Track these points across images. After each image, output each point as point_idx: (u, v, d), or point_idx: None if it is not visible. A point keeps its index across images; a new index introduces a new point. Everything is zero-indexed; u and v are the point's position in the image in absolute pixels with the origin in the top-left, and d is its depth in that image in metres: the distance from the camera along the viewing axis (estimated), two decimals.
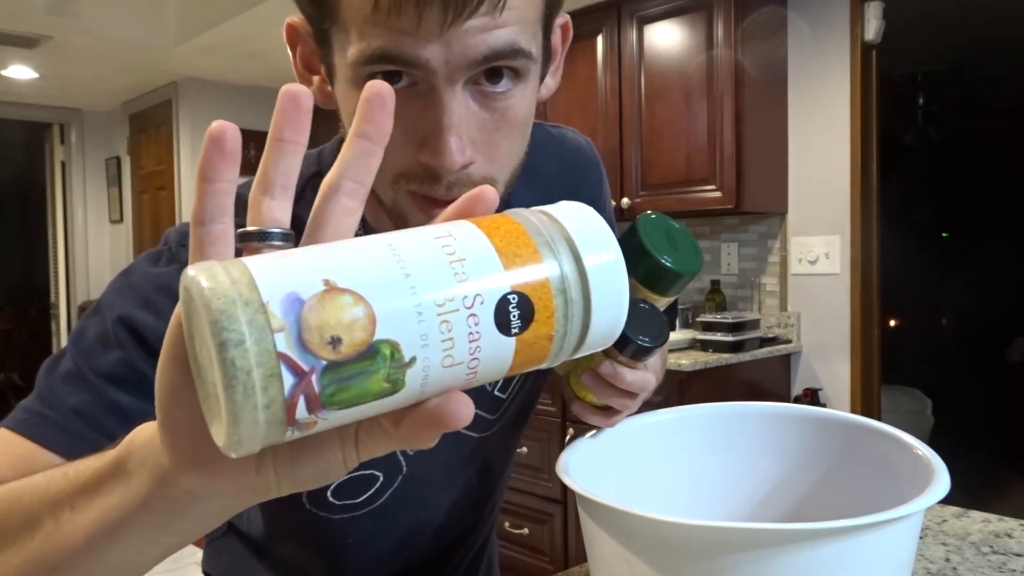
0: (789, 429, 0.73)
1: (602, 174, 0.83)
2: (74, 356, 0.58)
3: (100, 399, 0.56)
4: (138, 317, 0.58)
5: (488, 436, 0.76)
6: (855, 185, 2.71)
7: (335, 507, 0.70)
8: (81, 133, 5.04)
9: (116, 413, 0.56)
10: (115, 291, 0.61)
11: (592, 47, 3.01)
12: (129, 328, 0.58)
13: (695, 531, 0.49)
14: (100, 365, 0.57)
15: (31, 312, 6.65)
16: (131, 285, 0.60)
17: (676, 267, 0.63)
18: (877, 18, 2.67)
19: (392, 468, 0.70)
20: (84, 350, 0.58)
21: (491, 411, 0.75)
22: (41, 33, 3.45)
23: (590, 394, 0.68)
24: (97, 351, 0.58)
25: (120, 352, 0.57)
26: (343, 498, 0.69)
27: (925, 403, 4.27)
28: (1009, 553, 0.85)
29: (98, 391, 0.56)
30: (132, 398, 0.57)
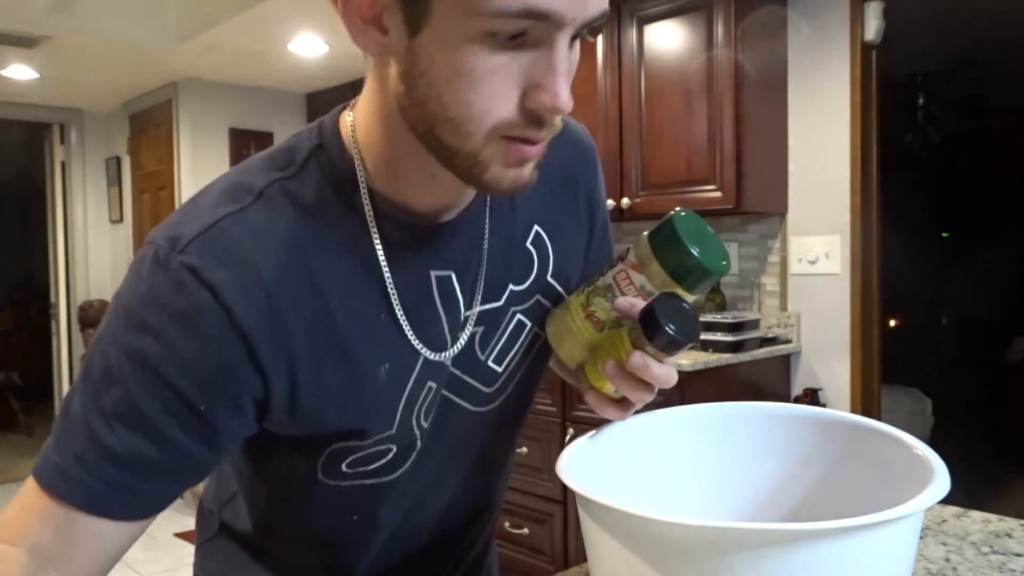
0: (789, 429, 0.73)
1: (598, 164, 0.84)
2: (81, 395, 0.60)
3: (95, 445, 0.58)
4: (136, 345, 0.58)
5: (487, 413, 0.76)
6: (855, 185, 2.71)
7: (347, 475, 0.69)
8: (81, 133, 5.04)
9: (109, 458, 0.58)
10: (111, 319, 0.61)
11: (592, 47, 3.01)
12: (131, 359, 0.58)
13: (695, 531, 0.49)
14: (103, 403, 0.59)
15: (31, 312, 6.66)
16: (124, 309, 0.60)
17: (706, 264, 0.64)
18: (877, 18, 2.67)
19: (407, 439, 0.70)
20: (90, 388, 0.60)
21: (486, 383, 0.74)
22: (41, 33, 3.45)
23: (608, 384, 0.68)
24: (100, 388, 0.59)
25: (120, 388, 0.58)
26: (356, 466, 0.69)
27: (925, 403, 4.28)
28: (1009, 553, 0.85)
29: (95, 436, 0.59)
30: (125, 439, 0.58)
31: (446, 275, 0.69)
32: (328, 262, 0.64)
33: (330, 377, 0.64)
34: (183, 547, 3.67)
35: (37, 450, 0.63)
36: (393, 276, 0.66)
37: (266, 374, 0.61)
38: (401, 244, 0.66)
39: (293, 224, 0.63)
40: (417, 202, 0.66)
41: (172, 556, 3.58)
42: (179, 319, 0.58)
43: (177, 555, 3.59)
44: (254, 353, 0.60)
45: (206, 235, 0.60)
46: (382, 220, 0.65)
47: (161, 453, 0.59)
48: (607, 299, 0.68)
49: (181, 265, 0.59)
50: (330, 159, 0.66)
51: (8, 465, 5.25)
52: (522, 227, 0.75)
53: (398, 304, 0.66)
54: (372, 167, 0.65)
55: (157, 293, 0.59)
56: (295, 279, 0.62)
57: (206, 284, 0.58)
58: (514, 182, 0.60)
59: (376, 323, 0.65)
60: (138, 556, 3.57)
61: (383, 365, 0.66)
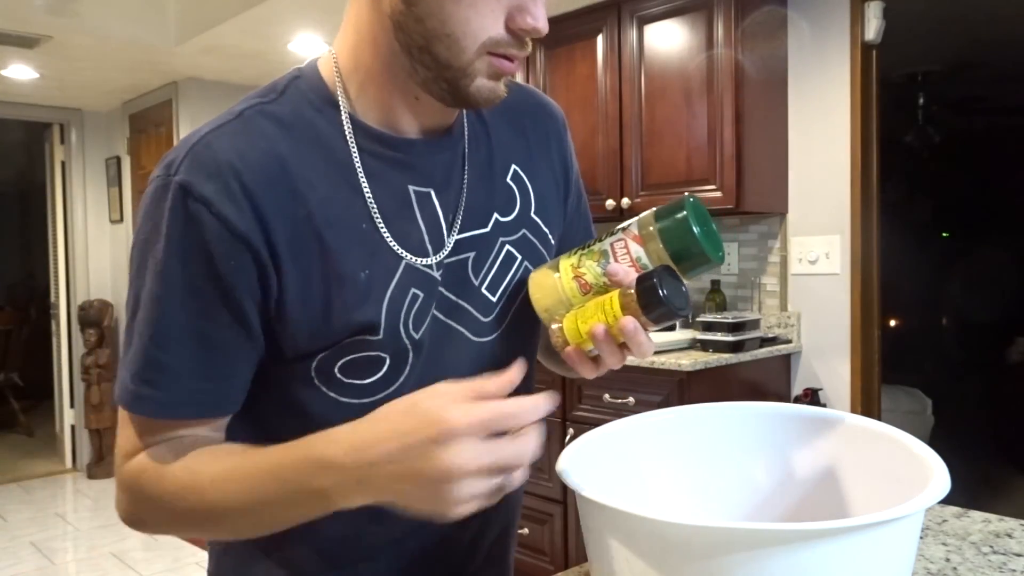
0: (789, 429, 0.73)
1: (567, 128, 0.90)
2: (129, 326, 0.69)
3: (153, 364, 0.67)
4: (159, 268, 0.66)
5: (486, 348, 0.77)
6: (855, 185, 2.71)
7: (344, 385, 0.72)
8: (81, 133, 5.04)
9: (168, 372, 0.67)
10: (134, 256, 0.69)
11: (592, 47, 3.01)
12: (158, 281, 0.66)
13: (695, 531, 0.49)
14: (146, 326, 0.67)
15: (31, 312, 6.66)
16: (143, 243, 0.68)
17: (708, 251, 0.67)
18: (877, 18, 2.67)
19: (399, 350, 0.72)
20: (135, 317, 0.68)
21: (483, 312, 0.77)
22: (41, 33, 3.45)
23: (590, 343, 0.70)
24: (141, 314, 0.67)
25: (156, 309, 0.67)
26: (352, 376, 0.72)
27: (925, 403, 4.27)
28: (1009, 553, 0.85)
29: (149, 357, 0.67)
30: (175, 351, 0.67)
31: (425, 192, 0.74)
32: (307, 172, 0.69)
33: (313, 279, 0.68)
34: (183, 547, 3.67)
35: (38, 450, 0.65)
36: (372, 188, 0.71)
37: (263, 274, 0.67)
38: (379, 157, 0.72)
39: (272, 136, 0.69)
40: (398, 124, 0.73)
41: (172, 556, 3.58)
42: (186, 233, 0.65)
43: (177, 555, 3.59)
44: (256, 253, 0.66)
45: (192, 151, 0.67)
46: (360, 136, 0.71)
47: (213, 353, 0.67)
48: (599, 264, 0.71)
49: (177, 186, 0.66)
50: (309, 84, 0.73)
51: (8, 465, 5.25)
52: (500, 162, 0.80)
53: (377, 214, 0.71)
54: (355, 92, 0.72)
55: (164, 221, 0.66)
56: (275, 184, 0.67)
57: (199, 199, 0.65)
58: (491, 92, 0.69)
59: (356, 231, 0.70)
60: (138, 556, 3.57)
61: (363, 271, 0.70)
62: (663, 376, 2.48)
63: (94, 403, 4.84)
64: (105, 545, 3.76)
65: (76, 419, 5.09)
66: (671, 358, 2.48)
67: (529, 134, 0.84)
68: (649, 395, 2.49)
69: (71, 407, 5.13)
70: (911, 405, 4.19)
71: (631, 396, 2.52)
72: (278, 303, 0.68)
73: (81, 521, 4.16)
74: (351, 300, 0.69)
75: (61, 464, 5.15)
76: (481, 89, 0.68)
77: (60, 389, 5.18)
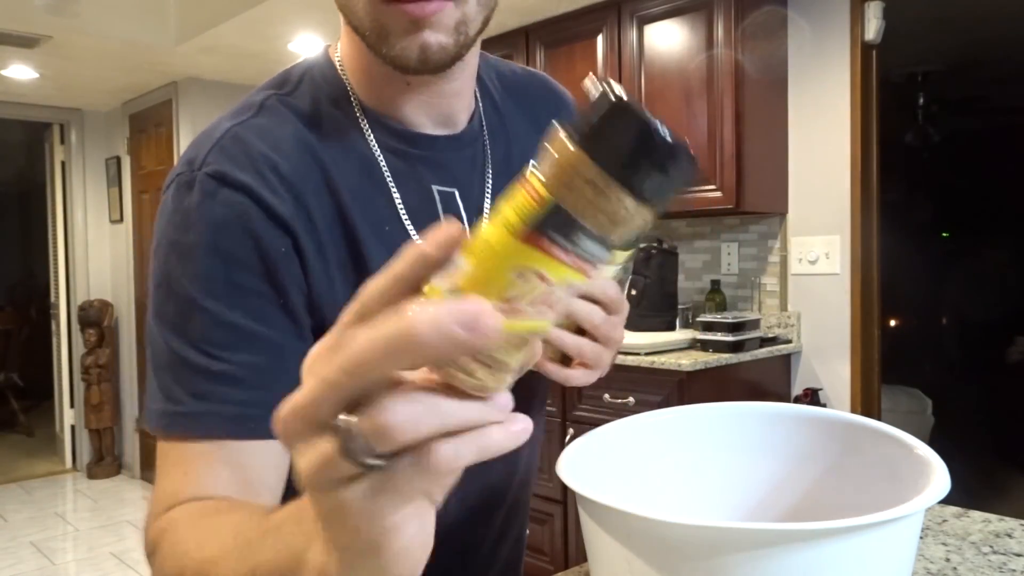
0: (789, 429, 0.73)
1: None
2: (167, 341, 0.59)
3: (207, 376, 0.58)
4: (197, 270, 0.59)
5: None
6: (855, 185, 2.71)
7: None
8: (81, 133, 5.04)
9: (226, 381, 0.58)
10: (161, 261, 0.61)
11: (592, 47, 3.01)
12: (198, 284, 0.58)
13: (695, 531, 0.49)
14: (192, 336, 0.58)
15: (31, 312, 6.66)
16: (170, 245, 0.60)
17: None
18: (877, 18, 2.67)
19: None
20: (174, 329, 0.59)
21: None
22: (41, 33, 3.45)
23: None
24: (184, 324, 0.59)
25: (202, 316, 0.58)
26: None
27: (925, 403, 4.27)
28: (1009, 553, 0.85)
29: (201, 368, 0.58)
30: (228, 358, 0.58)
31: (449, 192, 0.69)
32: (338, 164, 0.64)
33: (339, 281, 0.63)
34: None
35: (38, 450, 0.63)
36: (398, 187, 0.66)
37: (308, 267, 0.61)
38: (401, 155, 0.67)
39: (297, 127, 0.65)
40: (405, 115, 0.68)
41: None
42: (225, 225, 0.59)
43: None
44: (301, 244, 0.61)
45: (219, 145, 0.62)
46: (377, 130, 0.67)
47: (268, 357, 0.59)
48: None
49: (207, 177, 0.60)
50: (324, 75, 0.69)
51: (8, 465, 5.25)
52: (518, 158, 0.76)
53: (405, 214, 0.66)
54: (356, 83, 0.68)
55: (195, 213, 0.59)
56: (311, 174, 0.63)
57: (237, 185, 0.59)
58: (421, 50, 0.59)
59: (383, 232, 0.65)
60: (138, 556, 3.57)
61: None
62: (663, 376, 2.48)
63: (94, 403, 4.84)
64: (105, 545, 3.76)
65: (76, 419, 5.09)
66: (671, 358, 2.48)
67: (542, 123, 0.80)
68: (649, 395, 2.49)
69: (71, 407, 5.13)
70: (911, 405, 4.19)
71: (631, 396, 2.52)
72: (329, 294, 0.63)
73: (81, 521, 4.16)
74: None
75: (61, 464, 5.15)
76: (405, 48, 0.60)
77: (60, 389, 5.18)
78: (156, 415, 0.59)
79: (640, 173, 0.30)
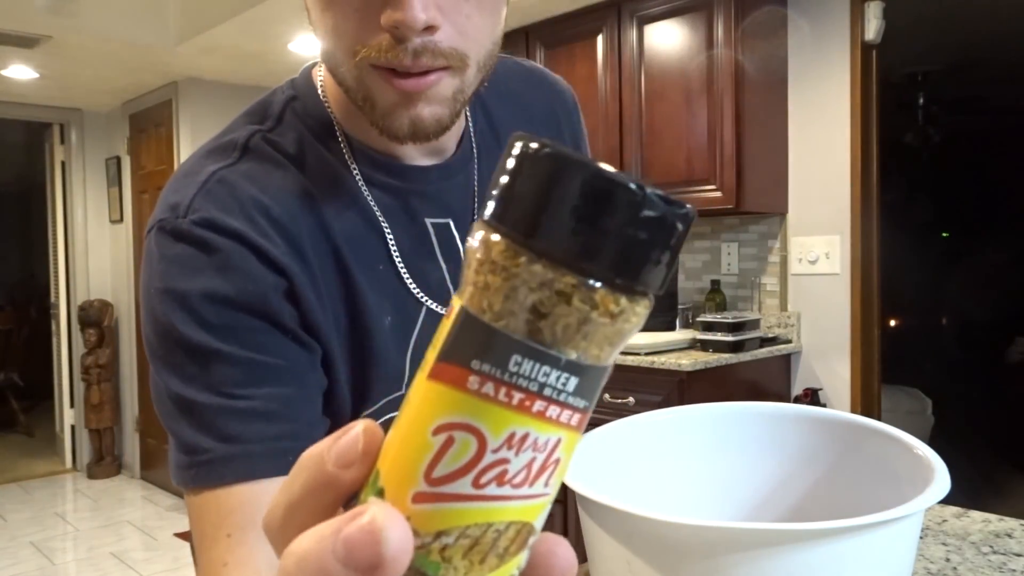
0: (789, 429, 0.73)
1: (579, 110, 0.84)
2: (181, 391, 0.56)
3: (233, 414, 0.55)
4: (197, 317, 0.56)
5: None
6: (855, 185, 2.71)
7: None
8: (81, 133, 5.04)
9: (253, 417, 0.55)
10: (154, 313, 0.58)
11: (592, 47, 3.01)
12: (201, 330, 0.56)
13: (695, 531, 0.49)
14: (210, 381, 0.56)
15: (31, 312, 6.66)
16: (161, 294, 0.58)
17: None
18: (877, 18, 2.67)
19: None
20: (186, 378, 0.56)
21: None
22: (41, 33, 3.45)
23: None
24: (196, 371, 0.56)
25: (213, 360, 0.56)
26: None
27: (925, 403, 4.27)
28: (1009, 553, 0.85)
29: (225, 409, 0.55)
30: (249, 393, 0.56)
31: (443, 223, 0.67)
32: (329, 205, 0.62)
33: (342, 325, 0.61)
34: (183, 547, 3.66)
35: (38, 450, 0.62)
36: (389, 224, 0.64)
37: (307, 312, 0.59)
38: (388, 189, 0.65)
39: (286, 170, 0.62)
40: (392, 147, 0.65)
41: (172, 556, 3.58)
42: (218, 270, 0.56)
43: (177, 555, 3.59)
44: (294, 285, 0.58)
45: (205, 190, 0.59)
46: (364, 166, 0.64)
47: (289, 388, 0.57)
48: None
49: (193, 224, 0.57)
50: (306, 108, 0.65)
51: (8, 465, 5.25)
52: None
53: (397, 253, 0.64)
54: (340, 113, 0.65)
55: (185, 260, 0.57)
56: (304, 217, 0.60)
57: (228, 232, 0.57)
58: (412, 124, 0.56)
59: (376, 273, 0.63)
60: (138, 556, 3.57)
61: (387, 317, 0.63)
62: (663, 376, 2.48)
63: (94, 403, 4.84)
64: (105, 545, 3.76)
65: (76, 419, 5.09)
66: (671, 358, 2.48)
67: (538, 124, 0.78)
68: (649, 395, 2.49)
69: (71, 407, 5.13)
70: (911, 405, 4.19)
71: (631, 396, 2.52)
72: (328, 341, 0.61)
73: (81, 521, 4.16)
74: (378, 348, 0.63)
75: (61, 464, 5.15)
76: (394, 118, 0.56)
77: (60, 389, 5.18)
78: (183, 470, 0.56)
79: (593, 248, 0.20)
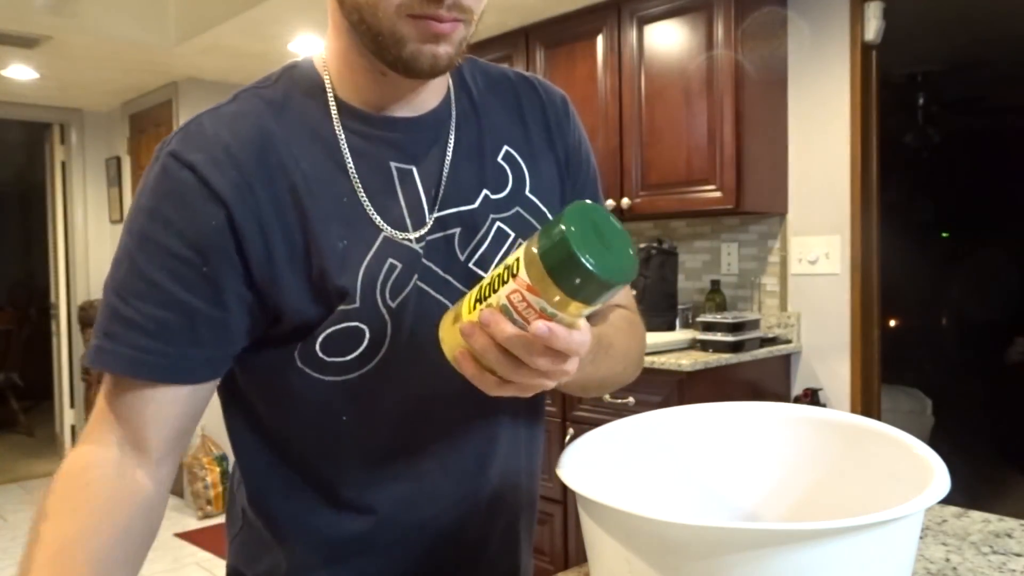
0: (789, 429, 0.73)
1: (571, 109, 0.89)
2: (107, 285, 0.71)
3: (119, 319, 0.69)
4: (139, 226, 0.69)
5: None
6: (855, 185, 2.71)
7: (326, 364, 0.73)
8: (81, 133, 5.04)
9: (132, 327, 0.68)
10: (127, 219, 0.72)
11: (592, 47, 3.01)
12: (136, 238, 0.69)
13: (695, 531, 0.49)
14: (120, 283, 0.69)
15: (31, 312, 6.65)
16: (133, 207, 0.71)
17: (606, 276, 0.50)
18: (877, 18, 2.67)
19: (376, 320, 0.73)
20: (113, 276, 0.70)
21: (468, 285, 0.74)
22: (41, 33, 3.45)
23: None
24: (118, 272, 0.70)
25: (130, 266, 0.69)
26: (332, 353, 0.73)
27: (925, 403, 4.27)
28: (1009, 553, 0.85)
29: (117, 312, 0.69)
30: (140, 308, 0.68)
31: (407, 168, 0.75)
32: (294, 148, 0.72)
33: (297, 246, 0.70)
34: (183, 547, 3.67)
35: (38, 450, 0.66)
36: (356, 164, 0.73)
37: (244, 239, 0.69)
38: (363, 136, 0.74)
39: (261, 115, 0.73)
40: (379, 104, 0.75)
41: (172, 556, 3.58)
42: (169, 195, 0.68)
43: (177, 555, 3.59)
44: (232, 218, 0.68)
45: (185, 129, 0.72)
46: (344, 116, 0.75)
47: (174, 315, 0.68)
48: None
49: (167, 155, 0.70)
50: (302, 72, 0.77)
51: (8, 465, 5.25)
52: (491, 143, 0.81)
53: (360, 189, 0.73)
54: (336, 78, 0.76)
55: (153, 182, 0.70)
56: (262, 157, 0.71)
57: (186, 164, 0.69)
58: (433, 58, 0.68)
59: (337, 204, 0.72)
60: None
61: (342, 241, 0.71)
62: (663, 376, 2.48)
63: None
64: None
65: (76, 419, 5.09)
66: (671, 358, 2.48)
67: (527, 119, 0.84)
68: (649, 395, 2.49)
69: (71, 407, 5.13)
70: (911, 405, 4.19)
71: (631, 396, 2.52)
72: (269, 264, 0.70)
73: None
74: (330, 268, 0.71)
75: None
76: (417, 55, 0.68)
77: (60, 389, 5.18)
78: (88, 349, 0.71)
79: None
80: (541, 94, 0.86)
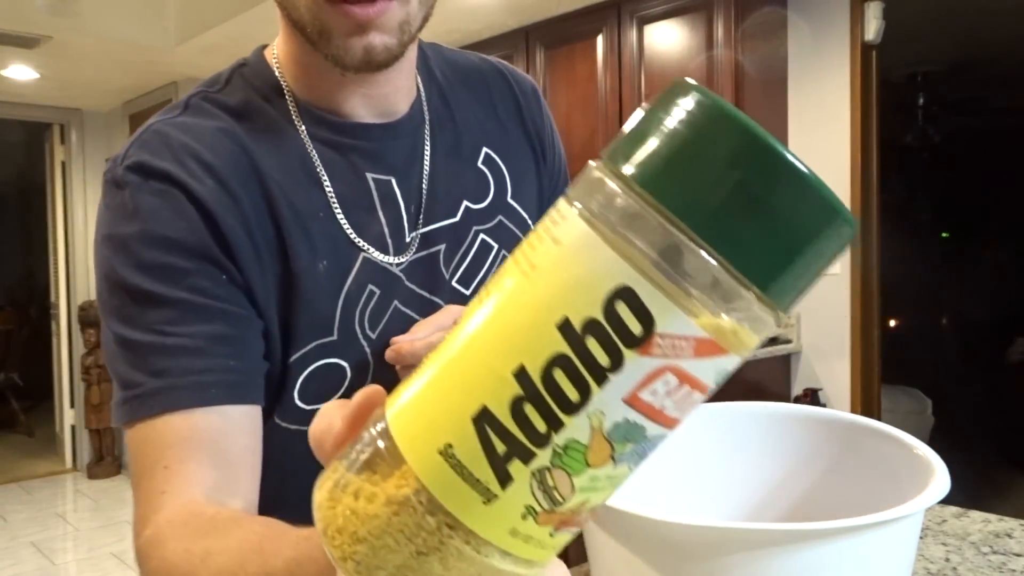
0: (789, 429, 0.73)
1: (542, 100, 0.84)
2: (117, 332, 0.60)
3: (163, 351, 0.58)
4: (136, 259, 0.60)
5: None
6: (855, 185, 2.71)
7: (307, 415, 0.65)
8: (81, 133, 5.04)
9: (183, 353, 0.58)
10: (100, 257, 0.62)
11: (592, 47, 3.01)
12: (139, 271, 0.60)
13: (695, 531, 0.49)
14: (146, 321, 0.59)
15: (31, 312, 6.65)
16: (104, 240, 0.62)
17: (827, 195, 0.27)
18: (877, 18, 2.67)
19: (356, 354, 0.66)
20: (122, 318, 0.60)
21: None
22: (41, 33, 3.45)
23: None
24: (132, 311, 0.60)
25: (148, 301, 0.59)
26: (312, 400, 0.65)
27: (925, 403, 4.27)
28: (1009, 553, 0.85)
29: (155, 347, 0.59)
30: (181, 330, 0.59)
31: (385, 179, 0.69)
32: (266, 156, 0.65)
33: (270, 272, 0.63)
34: None
35: (38, 450, 0.64)
36: (330, 177, 0.66)
37: (235, 249, 0.61)
38: (333, 145, 0.67)
39: (223, 120, 0.65)
40: (342, 108, 0.68)
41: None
42: (153, 213, 0.60)
43: None
44: (220, 227, 0.61)
45: (140, 140, 0.63)
46: (309, 123, 0.67)
47: (218, 324, 0.60)
48: None
49: (127, 170, 0.61)
50: (254, 72, 0.69)
51: (8, 465, 5.25)
52: (469, 146, 0.75)
53: (337, 204, 0.66)
54: (291, 78, 0.68)
55: (121, 207, 0.61)
56: (237, 163, 0.63)
57: (157, 173, 0.61)
58: (366, 51, 0.60)
59: (315, 220, 0.65)
60: None
61: (321, 262, 0.65)
62: None
63: (94, 403, 4.84)
64: (105, 545, 3.76)
65: (76, 419, 5.09)
66: None
67: (499, 110, 0.78)
68: None
69: (71, 407, 5.13)
70: (911, 405, 4.19)
71: None
72: (262, 279, 0.63)
73: (81, 521, 4.16)
74: (310, 292, 0.64)
75: (61, 464, 5.15)
76: (348, 49, 0.60)
77: (60, 389, 5.18)
78: (119, 406, 0.59)
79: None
80: (512, 84, 0.81)
